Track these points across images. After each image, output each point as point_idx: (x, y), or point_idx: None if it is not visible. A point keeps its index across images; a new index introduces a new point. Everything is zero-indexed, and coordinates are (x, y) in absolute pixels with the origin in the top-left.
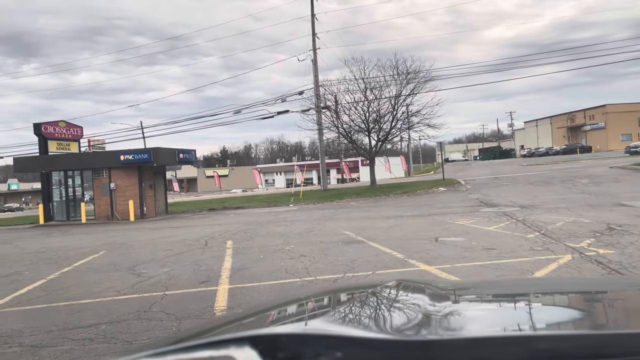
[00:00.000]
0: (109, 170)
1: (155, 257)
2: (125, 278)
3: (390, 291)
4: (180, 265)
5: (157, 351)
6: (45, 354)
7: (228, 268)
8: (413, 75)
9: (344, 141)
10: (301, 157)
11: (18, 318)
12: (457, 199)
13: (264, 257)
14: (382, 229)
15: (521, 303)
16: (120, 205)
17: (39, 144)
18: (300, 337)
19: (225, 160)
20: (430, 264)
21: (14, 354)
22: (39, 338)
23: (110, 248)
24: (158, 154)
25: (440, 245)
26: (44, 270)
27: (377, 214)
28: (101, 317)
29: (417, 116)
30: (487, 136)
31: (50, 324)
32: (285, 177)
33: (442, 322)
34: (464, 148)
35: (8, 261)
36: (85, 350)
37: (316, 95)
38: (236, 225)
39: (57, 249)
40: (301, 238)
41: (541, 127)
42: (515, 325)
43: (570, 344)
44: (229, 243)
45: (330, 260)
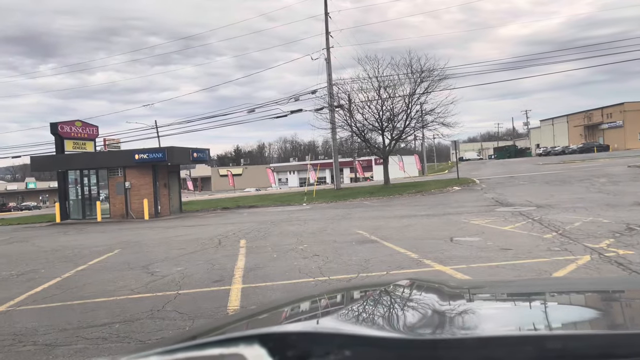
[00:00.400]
0: (124, 169)
1: (169, 255)
2: (139, 277)
3: (401, 290)
4: (194, 264)
5: (168, 349)
6: (59, 352)
7: (241, 267)
8: (427, 73)
9: (357, 140)
10: (314, 156)
11: (33, 316)
12: (472, 198)
13: (277, 256)
14: (396, 228)
15: (531, 302)
16: (135, 203)
17: (56, 143)
18: (309, 335)
19: (239, 159)
20: (445, 264)
21: (28, 352)
22: (53, 337)
23: (124, 247)
24: (172, 153)
25: (455, 245)
26: (59, 268)
27: (391, 214)
28: (115, 316)
29: (432, 115)
30: (502, 135)
31: (64, 322)
32: (298, 176)
33: (452, 322)
34: (478, 147)
35: (25, 259)
36: (99, 350)
37: (329, 94)
38: (250, 224)
39: (72, 247)
40: (314, 237)
41: (557, 125)
42: (526, 324)
43: (580, 344)
44: (243, 242)
45: (343, 260)
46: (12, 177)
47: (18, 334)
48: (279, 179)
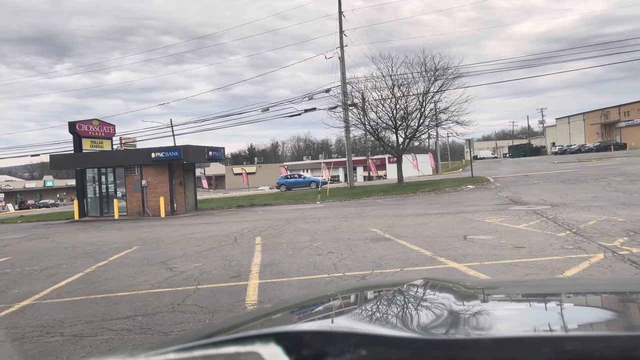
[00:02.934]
0: (140, 168)
1: (186, 252)
2: (159, 272)
3: (416, 289)
4: (211, 260)
5: (185, 346)
6: (86, 343)
7: (258, 264)
8: (441, 72)
9: (370, 138)
10: (328, 155)
11: (59, 309)
12: (486, 196)
13: (292, 253)
14: (410, 226)
15: (547, 303)
16: (152, 201)
17: (74, 142)
18: (325, 334)
19: (253, 157)
20: (458, 262)
21: (56, 343)
22: (79, 328)
23: (142, 243)
24: (188, 151)
25: (469, 243)
26: (80, 264)
27: (405, 212)
28: (137, 310)
29: (446, 113)
30: (517, 133)
31: (89, 315)
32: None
33: (467, 322)
34: (493, 145)
35: (47, 255)
36: (124, 340)
37: (343, 92)
38: (264, 222)
39: (92, 244)
40: (329, 235)
41: (573, 123)
42: (542, 325)
43: (597, 345)
44: (258, 239)
45: (358, 257)
46: (29, 175)
47: (46, 326)
48: None
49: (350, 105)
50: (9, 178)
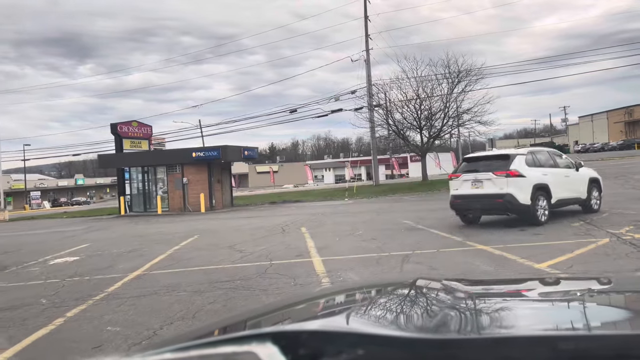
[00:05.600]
0: (182, 166)
1: (245, 239)
2: (231, 254)
3: (413, 289)
4: (271, 244)
5: (182, 346)
6: (206, 296)
7: (312, 247)
8: (465, 74)
9: (394, 138)
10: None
11: (168, 277)
12: None
13: (339, 239)
14: (439, 218)
15: (544, 302)
16: (192, 197)
17: (115, 142)
18: (322, 333)
19: (274, 156)
20: (485, 245)
21: (184, 295)
22: (195, 287)
23: (200, 233)
24: (226, 151)
25: (494, 231)
26: (157, 248)
27: (432, 207)
28: (233, 277)
29: (469, 113)
30: (539, 131)
31: (196, 280)
32: (333, 173)
33: (464, 321)
34: (514, 144)
35: (121, 242)
36: (235, 293)
37: (369, 94)
38: (302, 216)
39: (154, 234)
40: (366, 226)
41: (597, 121)
42: (539, 324)
43: (594, 344)
44: (303, 229)
45: (397, 242)
46: (57, 173)
47: (168, 287)
48: (315, 176)
49: (376, 106)
50: (42, 177)
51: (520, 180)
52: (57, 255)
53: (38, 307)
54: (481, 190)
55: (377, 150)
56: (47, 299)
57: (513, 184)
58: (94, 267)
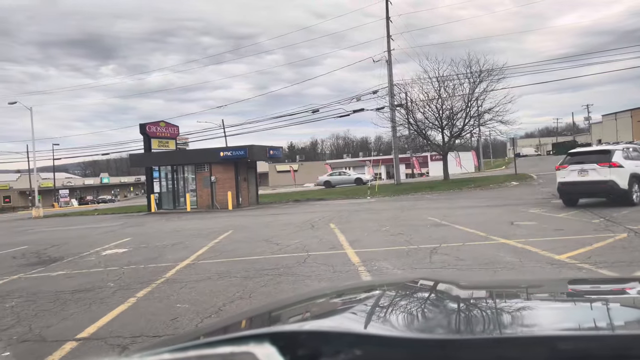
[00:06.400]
0: (209, 165)
1: (278, 234)
2: (268, 246)
3: (412, 289)
4: (304, 238)
5: (179, 346)
6: (256, 280)
7: (344, 240)
8: (486, 74)
9: (414, 136)
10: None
11: (217, 266)
12: (529, 192)
13: (368, 234)
14: (462, 215)
15: (543, 302)
16: (220, 195)
17: (144, 142)
18: (320, 334)
19: (294, 155)
20: (508, 239)
21: (235, 279)
22: (244, 274)
23: (234, 228)
24: (252, 150)
25: (516, 227)
26: (198, 242)
27: (455, 205)
28: (275, 265)
29: (490, 113)
30: (562, 130)
31: (243, 268)
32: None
33: (463, 321)
34: (536, 142)
35: (161, 236)
36: (281, 278)
37: (390, 94)
38: (328, 213)
39: (189, 229)
40: (392, 222)
41: (621, 120)
42: (538, 325)
43: (591, 344)
44: (332, 225)
45: (424, 236)
46: (81, 172)
47: (219, 273)
48: None
49: (398, 105)
50: (69, 175)
51: (620, 170)
52: (105, 247)
53: (109, 290)
54: (587, 178)
55: (399, 150)
56: (114, 283)
57: (615, 172)
58: (145, 257)
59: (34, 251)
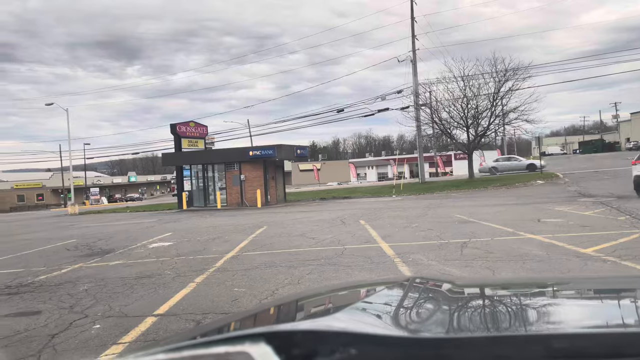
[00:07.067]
0: (239, 164)
1: (311, 229)
2: (305, 240)
3: (407, 288)
4: (337, 233)
5: (174, 346)
6: (301, 269)
7: (376, 235)
8: (512, 73)
9: (441, 136)
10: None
11: (261, 257)
12: (555, 190)
13: (398, 230)
14: (489, 213)
15: (539, 301)
16: (249, 193)
17: (174, 141)
18: (315, 333)
19: (316, 154)
20: (535, 234)
21: (282, 268)
22: (288, 264)
23: (268, 225)
24: (281, 150)
25: (542, 224)
26: (237, 236)
27: (481, 203)
28: (316, 256)
29: (515, 112)
30: (589, 128)
31: (286, 259)
32: (376, 170)
33: (458, 320)
34: (562, 141)
35: (200, 231)
36: (324, 268)
37: (415, 93)
38: (356, 210)
39: (225, 225)
40: (420, 219)
41: None
42: (533, 323)
43: (586, 342)
44: (362, 221)
45: (453, 232)
46: (109, 171)
47: (265, 263)
48: (358, 174)
49: (422, 105)
50: (98, 174)
51: None
52: (150, 241)
53: (168, 276)
54: None
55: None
56: (170, 271)
57: None
58: (191, 249)
59: (84, 244)
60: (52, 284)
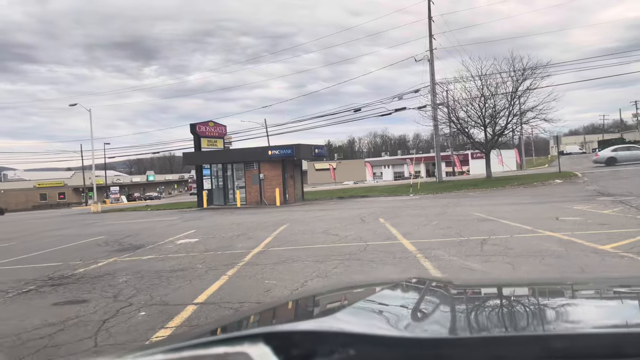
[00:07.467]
0: (258, 163)
1: (332, 226)
2: (327, 237)
3: (406, 288)
4: (358, 231)
5: (174, 347)
6: (327, 264)
7: (396, 232)
8: (530, 72)
9: (458, 135)
10: (406, 151)
11: (287, 252)
12: (574, 189)
13: (418, 228)
14: (508, 211)
15: (538, 301)
16: (268, 192)
17: (194, 141)
18: (314, 334)
19: (332, 154)
20: (554, 232)
21: (308, 262)
22: (314, 259)
23: (290, 222)
24: (299, 149)
25: (561, 222)
26: (260, 233)
27: (499, 202)
28: (340, 252)
29: (533, 111)
30: (608, 127)
31: (312, 254)
32: (392, 170)
33: (457, 321)
34: (580, 140)
35: (223, 228)
36: (349, 262)
37: (432, 92)
38: (374, 209)
39: (247, 223)
40: (439, 217)
41: None
42: (532, 323)
43: (587, 343)
44: (381, 219)
45: (472, 230)
46: (127, 170)
47: (292, 258)
48: (374, 173)
49: (440, 104)
50: (117, 173)
51: None
52: (177, 237)
53: (200, 270)
54: None
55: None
56: (201, 265)
57: None
58: (217, 245)
59: (113, 240)
60: (92, 276)
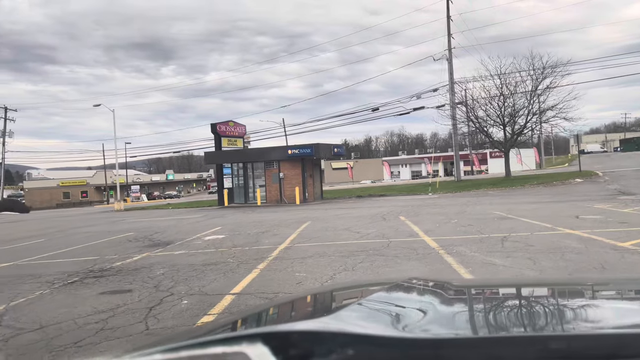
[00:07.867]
0: (278, 162)
1: (354, 224)
2: (350, 234)
3: (405, 289)
4: (380, 228)
5: (171, 346)
6: (353, 258)
7: (418, 230)
8: (550, 70)
9: (477, 134)
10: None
11: (313, 248)
12: (594, 189)
13: (439, 225)
14: (528, 210)
15: (537, 302)
16: (287, 190)
17: (215, 140)
18: (312, 334)
19: (348, 153)
20: (573, 230)
21: (335, 257)
22: (340, 254)
23: (311, 220)
24: (318, 148)
25: (581, 220)
26: (284, 230)
27: (518, 200)
28: (364, 248)
29: (553, 110)
30: (630, 125)
31: (337, 250)
32: (410, 169)
33: (456, 321)
34: (602, 138)
35: (247, 226)
36: (373, 257)
37: (451, 91)
38: (394, 207)
39: (269, 220)
40: (459, 215)
41: None
42: (530, 324)
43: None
44: (402, 217)
45: (492, 228)
46: (146, 169)
47: (318, 253)
48: (391, 172)
49: (459, 103)
50: (137, 172)
51: None
52: (204, 234)
53: (232, 264)
54: None
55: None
56: (232, 259)
57: None
58: (244, 241)
59: (142, 237)
60: (130, 269)
